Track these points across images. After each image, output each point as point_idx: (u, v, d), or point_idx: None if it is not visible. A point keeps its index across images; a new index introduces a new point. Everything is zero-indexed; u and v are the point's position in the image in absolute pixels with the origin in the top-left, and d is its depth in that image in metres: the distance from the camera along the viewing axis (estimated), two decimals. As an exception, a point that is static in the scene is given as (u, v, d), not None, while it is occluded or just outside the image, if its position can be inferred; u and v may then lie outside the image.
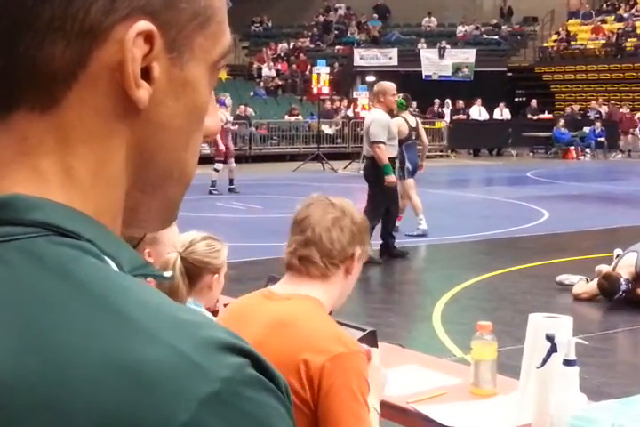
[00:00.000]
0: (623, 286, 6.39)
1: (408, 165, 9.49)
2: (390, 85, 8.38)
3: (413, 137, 9.44)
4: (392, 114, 8.52)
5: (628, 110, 23.48)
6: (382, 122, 8.19)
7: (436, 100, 24.31)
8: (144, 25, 0.55)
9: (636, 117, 23.25)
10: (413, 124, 9.54)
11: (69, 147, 0.56)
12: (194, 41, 0.58)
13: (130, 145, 0.58)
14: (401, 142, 9.41)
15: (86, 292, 0.50)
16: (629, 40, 25.90)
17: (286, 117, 22.61)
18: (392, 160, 8.29)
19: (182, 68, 0.58)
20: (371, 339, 2.63)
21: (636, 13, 27.29)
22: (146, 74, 0.56)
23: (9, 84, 0.55)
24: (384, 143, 8.07)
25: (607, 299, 6.51)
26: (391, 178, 8.06)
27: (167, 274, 2.31)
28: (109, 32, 0.54)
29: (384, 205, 8.25)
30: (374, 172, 8.21)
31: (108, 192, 0.57)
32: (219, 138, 12.71)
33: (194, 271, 2.48)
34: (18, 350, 0.48)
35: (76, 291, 0.50)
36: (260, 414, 0.49)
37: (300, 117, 22.63)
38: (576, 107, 25.15)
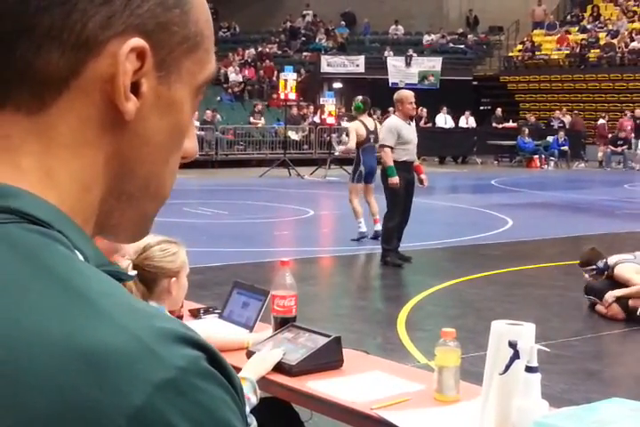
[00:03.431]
0: (600, 264, 6.64)
1: (362, 168, 9.55)
2: (408, 94, 8.55)
3: (371, 140, 9.50)
4: (409, 120, 8.59)
5: (605, 121, 23.69)
6: (390, 127, 8.45)
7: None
8: (138, 41, 0.57)
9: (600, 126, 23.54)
10: (372, 128, 9.60)
11: (52, 150, 0.58)
12: (182, 63, 0.62)
13: (111, 154, 0.60)
14: (358, 145, 9.51)
15: (51, 276, 0.51)
16: (593, 51, 26.22)
17: (251, 120, 22.58)
18: (406, 163, 8.41)
19: (169, 87, 0.61)
20: (335, 345, 2.64)
21: (600, 25, 27.65)
22: (135, 89, 0.58)
23: None
24: (390, 147, 8.32)
25: (579, 266, 6.85)
26: (394, 179, 8.22)
27: (132, 273, 2.30)
28: (104, 46, 0.57)
29: (400, 208, 8.36)
30: (384, 176, 8.43)
31: (83, 196, 0.59)
32: None
33: (149, 277, 2.44)
34: None
35: (42, 274, 0.51)
36: (212, 405, 0.50)
37: (262, 120, 22.63)
38: (540, 116, 25.41)
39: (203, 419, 0.49)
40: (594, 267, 6.70)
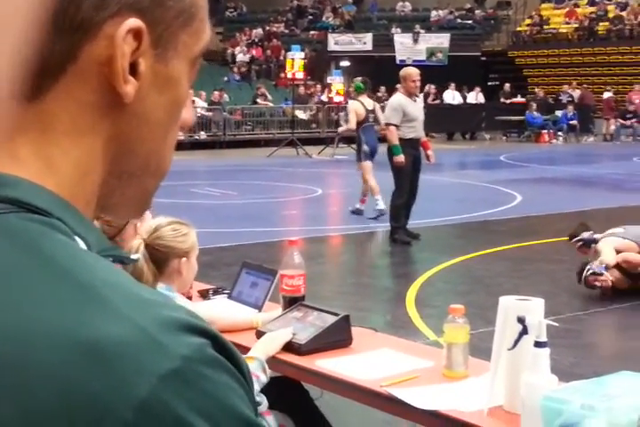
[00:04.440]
0: (586, 235, 6.72)
1: (365, 147, 9.62)
2: (412, 71, 8.49)
3: (370, 119, 9.57)
4: (412, 98, 8.51)
5: (612, 94, 23.51)
6: (394, 105, 8.41)
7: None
8: (134, 22, 0.56)
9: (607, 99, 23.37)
10: (370, 107, 9.68)
11: (51, 137, 0.57)
12: (178, 37, 0.60)
13: (110, 137, 0.59)
14: (358, 125, 9.57)
15: (53, 266, 0.51)
16: (601, 24, 26.00)
17: (259, 101, 22.49)
18: (412, 141, 8.37)
19: (167, 63, 0.60)
20: (344, 323, 2.65)
21: (608, -3, 27.39)
22: (132, 69, 0.57)
23: None
24: (395, 125, 8.26)
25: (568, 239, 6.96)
26: (399, 158, 8.20)
27: (134, 256, 2.32)
28: (100, 28, 0.55)
29: (407, 186, 8.36)
30: (390, 154, 8.40)
31: (83, 181, 0.58)
32: None
33: (159, 256, 2.47)
34: None
35: (43, 265, 0.51)
36: (219, 393, 0.49)
37: (267, 102, 22.53)
38: (548, 91, 25.25)
39: (210, 408, 0.48)
40: (579, 238, 6.75)
